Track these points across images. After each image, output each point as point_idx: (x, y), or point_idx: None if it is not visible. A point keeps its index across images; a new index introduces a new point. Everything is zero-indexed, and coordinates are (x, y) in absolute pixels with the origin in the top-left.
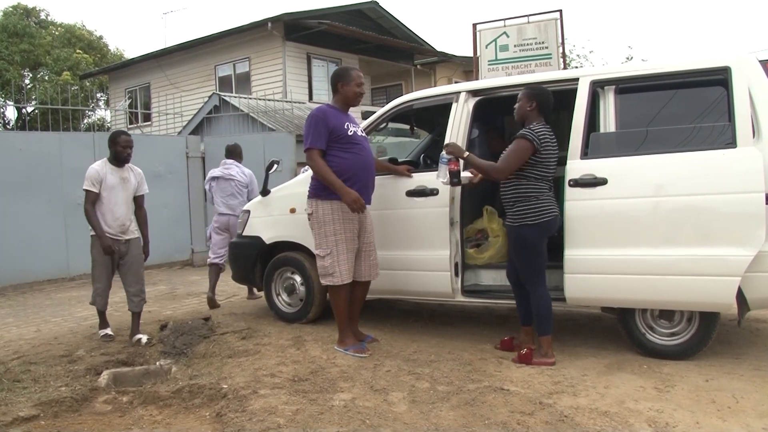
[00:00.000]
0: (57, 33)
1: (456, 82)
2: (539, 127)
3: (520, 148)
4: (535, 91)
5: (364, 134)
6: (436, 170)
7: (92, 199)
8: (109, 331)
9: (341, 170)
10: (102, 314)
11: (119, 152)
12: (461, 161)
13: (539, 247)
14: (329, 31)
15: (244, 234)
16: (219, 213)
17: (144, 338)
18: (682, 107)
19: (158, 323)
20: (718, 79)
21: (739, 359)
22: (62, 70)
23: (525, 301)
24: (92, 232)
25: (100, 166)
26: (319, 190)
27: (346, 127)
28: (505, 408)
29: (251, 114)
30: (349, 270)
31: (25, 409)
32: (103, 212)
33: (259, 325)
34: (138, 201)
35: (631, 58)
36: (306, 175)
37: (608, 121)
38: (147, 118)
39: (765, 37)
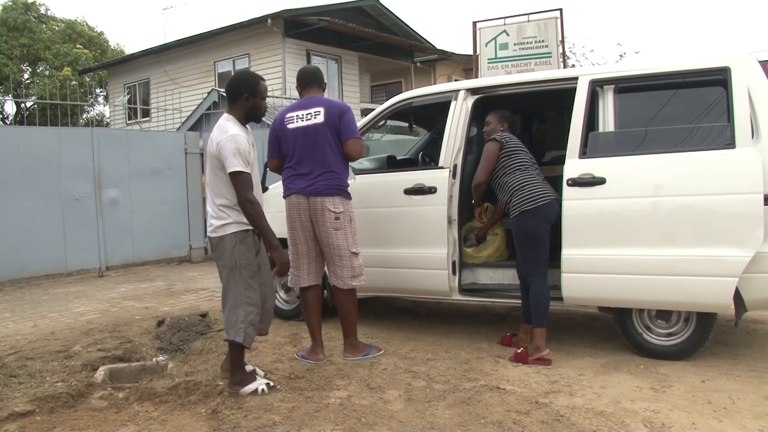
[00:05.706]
0: (58, 28)
1: (455, 80)
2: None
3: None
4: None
5: None
6: (435, 168)
7: (251, 185)
8: (266, 383)
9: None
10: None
11: (259, 107)
12: None
13: (541, 237)
14: (329, 28)
15: None
16: None
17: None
18: (682, 107)
19: (155, 319)
20: (718, 80)
21: (735, 360)
22: (62, 66)
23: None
24: (228, 230)
25: (241, 130)
26: (347, 187)
27: None
28: (501, 407)
29: None
30: None
31: (20, 404)
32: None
33: None
34: None
35: (625, 54)
36: None
37: (607, 121)
38: (146, 113)
39: (765, 38)
